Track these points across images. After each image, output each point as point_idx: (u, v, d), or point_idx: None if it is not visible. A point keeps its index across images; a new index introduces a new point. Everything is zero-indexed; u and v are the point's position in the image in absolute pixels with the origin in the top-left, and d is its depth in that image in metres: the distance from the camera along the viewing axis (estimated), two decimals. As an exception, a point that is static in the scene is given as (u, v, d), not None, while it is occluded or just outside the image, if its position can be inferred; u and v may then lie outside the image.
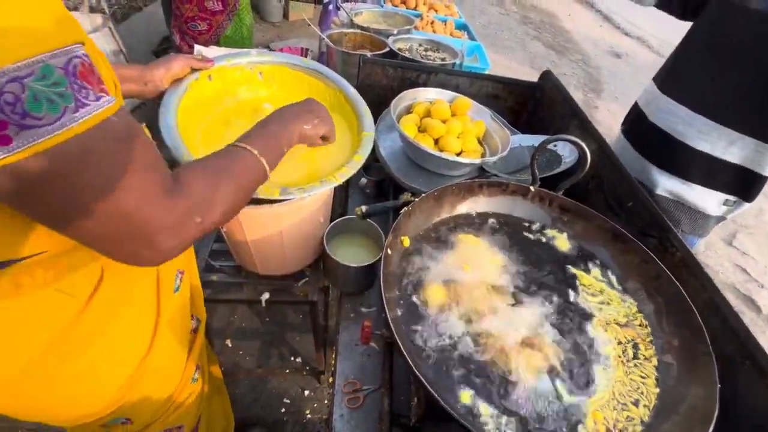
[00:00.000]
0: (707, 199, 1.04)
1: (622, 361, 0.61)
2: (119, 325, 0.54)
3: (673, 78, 1.06)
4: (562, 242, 0.78)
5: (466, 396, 0.54)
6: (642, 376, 0.60)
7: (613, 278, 0.73)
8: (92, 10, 2.19)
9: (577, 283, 0.71)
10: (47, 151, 0.31)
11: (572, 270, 0.73)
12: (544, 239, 0.79)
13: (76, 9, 2.16)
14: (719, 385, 0.52)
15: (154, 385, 0.62)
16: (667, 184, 1.07)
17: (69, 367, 0.50)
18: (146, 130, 0.62)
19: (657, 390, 0.59)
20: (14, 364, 0.46)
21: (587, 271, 0.74)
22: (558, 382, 0.57)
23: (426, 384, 0.48)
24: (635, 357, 0.62)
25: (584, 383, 0.58)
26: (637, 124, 1.16)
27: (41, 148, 0.31)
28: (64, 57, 0.32)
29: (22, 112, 0.29)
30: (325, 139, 0.71)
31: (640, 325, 0.66)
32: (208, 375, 0.86)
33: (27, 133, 0.30)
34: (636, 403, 0.57)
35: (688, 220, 1.08)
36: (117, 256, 0.39)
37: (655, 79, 1.11)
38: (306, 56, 2.02)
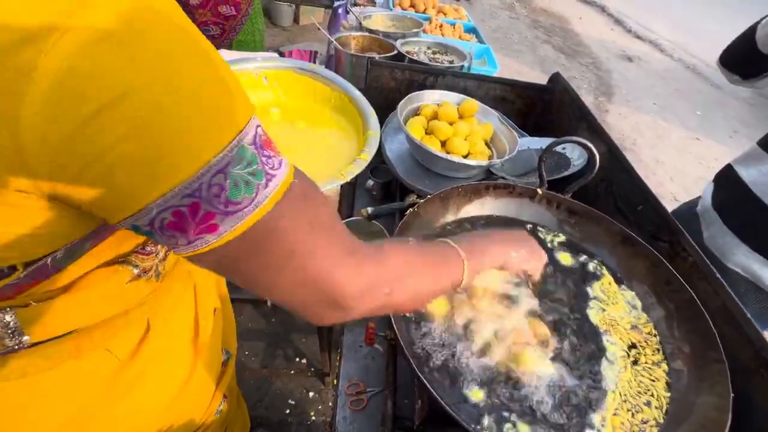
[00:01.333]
0: None
1: (629, 363, 0.60)
2: (158, 371, 0.54)
3: None
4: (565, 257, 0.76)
5: (477, 393, 0.53)
6: (652, 379, 0.59)
7: (622, 282, 0.72)
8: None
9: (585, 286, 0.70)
10: (246, 232, 0.31)
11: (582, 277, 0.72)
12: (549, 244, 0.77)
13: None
14: (732, 394, 0.51)
15: (180, 419, 0.62)
16: (743, 260, 0.90)
17: (106, 418, 0.50)
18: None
19: (668, 394, 0.57)
20: (57, 421, 0.46)
21: (596, 274, 0.72)
22: (564, 370, 0.57)
23: (429, 387, 0.48)
24: (642, 361, 0.61)
25: (590, 371, 0.57)
26: (728, 183, 0.97)
27: (241, 231, 0.31)
28: (252, 131, 0.31)
29: (226, 201, 0.29)
30: (528, 276, 0.62)
31: (648, 333, 0.65)
32: (237, 392, 0.86)
33: (230, 218, 0.30)
34: (648, 404, 0.56)
35: (759, 303, 0.92)
36: (310, 317, 0.39)
37: (760, 141, 0.94)
38: (315, 59, 2.04)
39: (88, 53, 0.23)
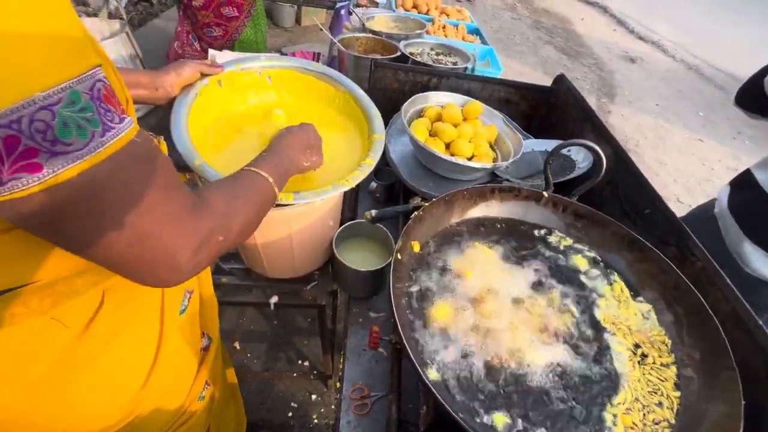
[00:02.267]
0: None
1: (636, 362, 0.60)
2: (120, 347, 0.53)
3: None
4: (579, 259, 0.76)
5: (484, 395, 0.52)
6: (661, 379, 0.58)
7: (630, 287, 0.71)
8: (111, 16, 2.25)
9: (588, 285, 0.69)
10: (75, 177, 0.31)
11: (586, 279, 0.71)
12: (554, 244, 0.77)
13: (95, 15, 2.22)
14: (744, 402, 0.50)
15: (158, 403, 0.62)
16: (759, 264, 0.91)
17: (69, 390, 0.50)
18: (163, 144, 0.63)
19: (678, 393, 0.57)
20: (15, 390, 0.45)
21: (604, 276, 0.72)
22: (571, 365, 0.57)
23: (434, 391, 0.47)
24: (650, 361, 0.61)
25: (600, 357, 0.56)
26: (745, 187, 0.98)
27: (70, 174, 0.30)
28: (89, 81, 0.32)
29: (53, 139, 0.29)
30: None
31: (657, 335, 0.64)
32: (223, 381, 0.85)
33: (56, 159, 0.30)
34: (660, 405, 0.55)
35: None
36: (140, 278, 0.39)
37: None
38: (318, 61, 2.03)
39: None
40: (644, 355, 0.61)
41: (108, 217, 0.34)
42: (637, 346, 0.62)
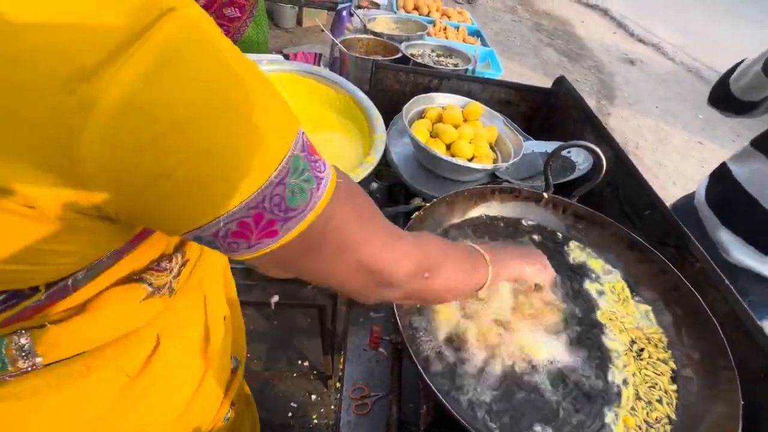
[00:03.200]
0: None
1: (633, 357, 0.61)
2: (167, 384, 0.53)
3: None
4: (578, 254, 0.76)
5: (484, 397, 0.53)
6: (657, 373, 0.59)
7: (629, 287, 0.71)
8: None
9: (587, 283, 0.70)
10: (301, 234, 0.33)
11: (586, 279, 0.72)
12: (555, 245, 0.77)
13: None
14: (743, 403, 0.50)
15: (188, 427, 0.61)
16: (738, 253, 0.95)
17: (117, 429, 0.50)
18: None
19: (674, 386, 0.58)
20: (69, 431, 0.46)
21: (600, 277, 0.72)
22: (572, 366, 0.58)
23: (436, 392, 0.47)
24: (645, 355, 0.61)
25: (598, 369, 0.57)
26: (721, 180, 1.03)
27: (298, 232, 0.33)
28: (301, 140, 0.32)
29: (285, 209, 0.31)
30: (537, 287, 0.66)
31: (655, 333, 0.64)
32: (246, 398, 0.85)
33: (288, 223, 0.32)
34: (660, 401, 0.56)
35: (760, 293, 0.95)
36: (364, 299, 0.43)
37: (753, 140, 1.01)
38: (319, 62, 2.04)
39: (145, 84, 0.24)
40: (641, 350, 0.62)
41: (326, 259, 0.37)
42: (633, 342, 0.63)
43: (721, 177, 1.03)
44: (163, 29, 0.24)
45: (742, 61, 0.99)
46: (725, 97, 1.02)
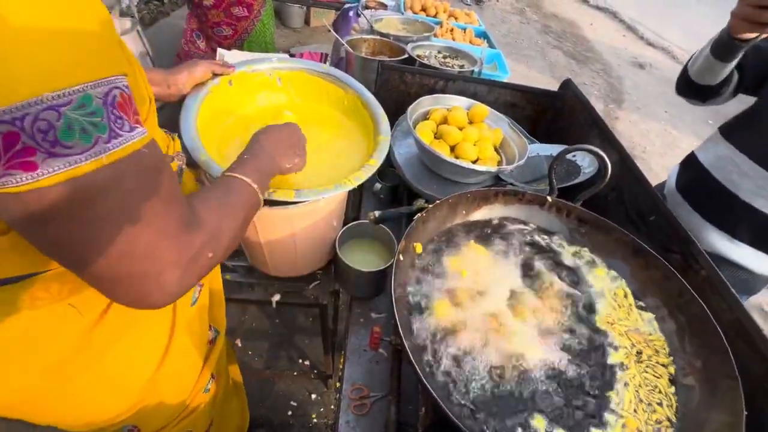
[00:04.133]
0: (754, 261, 0.95)
1: (634, 361, 0.61)
2: (132, 337, 0.54)
3: (741, 127, 0.98)
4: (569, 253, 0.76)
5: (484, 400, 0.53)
6: (656, 375, 0.59)
7: (632, 293, 0.71)
8: (122, 14, 2.28)
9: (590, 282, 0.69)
10: (71, 181, 0.30)
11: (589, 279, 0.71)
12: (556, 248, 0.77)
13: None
14: (746, 413, 0.49)
15: (165, 394, 0.63)
16: (711, 239, 0.97)
17: (82, 377, 0.51)
18: (177, 141, 0.63)
19: (673, 388, 0.58)
20: (29, 373, 0.47)
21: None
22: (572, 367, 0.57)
23: (434, 394, 0.47)
24: (644, 358, 0.61)
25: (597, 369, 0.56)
26: (689, 167, 1.07)
27: (66, 177, 0.29)
28: (106, 87, 0.31)
29: (53, 140, 0.29)
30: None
31: (656, 340, 0.64)
32: (227, 377, 0.86)
33: (54, 160, 0.29)
34: (660, 404, 0.56)
35: (730, 276, 0.96)
36: (123, 298, 0.37)
37: (720, 127, 1.03)
38: (325, 62, 2.05)
39: None
40: (639, 353, 0.62)
41: (100, 227, 0.32)
42: (632, 345, 0.63)
43: (689, 164, 1.06)
44: None
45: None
46: (686, 83, 1.06)
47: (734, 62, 0.92)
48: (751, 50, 0.90)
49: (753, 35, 0.83)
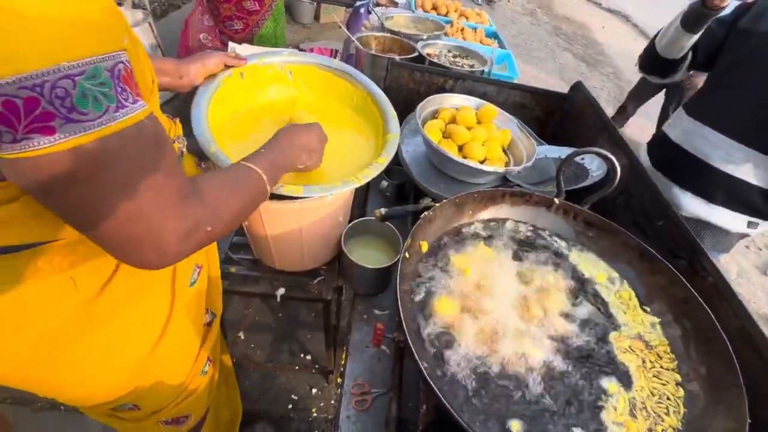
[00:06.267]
0: (731, 221, 1.05)
1: (642, 369, 0.60)
2: (131, 314, 0.55)
3: (700, 101, 1.10)
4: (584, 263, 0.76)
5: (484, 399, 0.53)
6: (663, 383, 0.59)
7: (638, 298, 0.70)
8: (134, 6, 2.30)
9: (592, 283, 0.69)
10: (85, 146, 0.32)
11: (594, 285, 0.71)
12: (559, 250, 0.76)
13: (120, 4, 2.26)
14: (750, 421, 0.49)
15: (163, 374, 0.63)
16: (690, 206, 1.08)
17: (77, 350, 0.52)
18: (179, 125, 0.64)
19: (681, 393, 0.58)
20: (26, 342, 0.48)
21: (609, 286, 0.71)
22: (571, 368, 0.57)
23: (437, 391, 0.47)
24: (649, 365, 0.61)
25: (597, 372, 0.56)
26: (660, 144, 1.18)
27: (82, 141, 0.32)
28: (112, 61, 0.34)
29: (70, 107, 0.31)
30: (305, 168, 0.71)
31: (660, 345, 0.63)
32: (219, 365, 0.87)
33: (71, 126, 0.31)
34: (667, 412, 0.56)
35: (711, 237, 1.10)
36: (125, 257, 0.40)
37: (683, 104, 1.16)
38: (335, 58, 2.05)
39: None
40: (643, 360, 0.61)
41: (109, 191, 0.35)
42: (637, 348, 0.63)
43: (660, 142, 1.18)
44: None
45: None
46: (651, 57, 1.18)
47: (698, 35, 1.05)
48: (703, 31, 1.04)
49: (725, 3, 0.94)
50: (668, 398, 0.57)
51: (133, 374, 0.58)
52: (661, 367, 0.61)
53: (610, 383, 0.58)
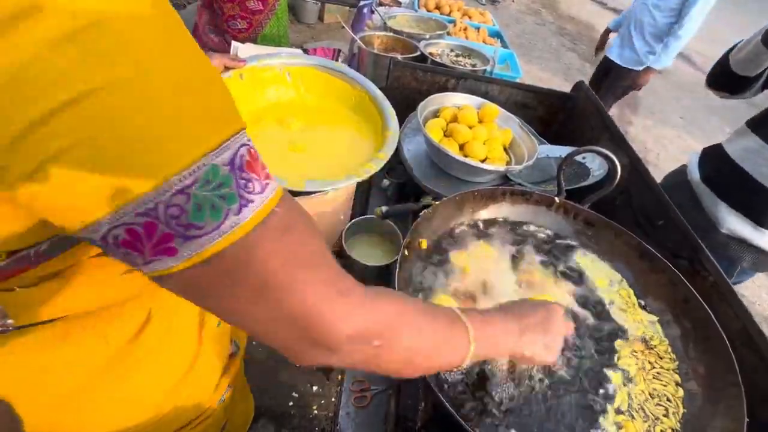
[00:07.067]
0: None
1: (637, 366, 0.60)
2: (161, 359, 0.54)
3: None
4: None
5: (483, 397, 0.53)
6: (663, 384, 0.59)
7: (637, 297, 0.70)
8: (140, 5, 2.31)
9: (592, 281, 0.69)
10: (209, 259, 0.28)
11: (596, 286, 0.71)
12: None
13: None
14: (747, 420, 0.49)
15: (180, 407, 0.62)
16: (736, 226, 1.02)
17: (106, 398, 0.50)
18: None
19: (681, 393, 0.57)
20: (50, 398, 0.46)
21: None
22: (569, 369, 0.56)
23: (436, 390, 0.48)
24: (648, 366, 0.61)
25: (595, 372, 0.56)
26: (714, 158, 1.10)
27: (204, 257, 0.28)
28: (231, 151, 0.28)
29: (186, 224, 0.27)
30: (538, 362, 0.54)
31: (660, 344, 0.63)
32: (241, 380, 0.87)
33: (190, 243, 0.27)
34: (666, 414, 0.55)
35: (752, 257, 1.04)
36: (290, 356, 0.35)
37: (748, 121, 1.07)
38: (338, 58, 2.05)
39: (45, 51, 0.21)
40: (643, 364, 0.61)
41: (244, 295, 0.31)
42: (637, 348, 0.63)
43: (714, 156, 1.11)
44: None
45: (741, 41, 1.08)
46: (723, 74, 1.11)
47: None
48: None
49: None
50: (668, 399, 0.57)
51: (157, 410, 0.57)
52: (662, 367, 0.61)
53: (613, 378, 0.58)
